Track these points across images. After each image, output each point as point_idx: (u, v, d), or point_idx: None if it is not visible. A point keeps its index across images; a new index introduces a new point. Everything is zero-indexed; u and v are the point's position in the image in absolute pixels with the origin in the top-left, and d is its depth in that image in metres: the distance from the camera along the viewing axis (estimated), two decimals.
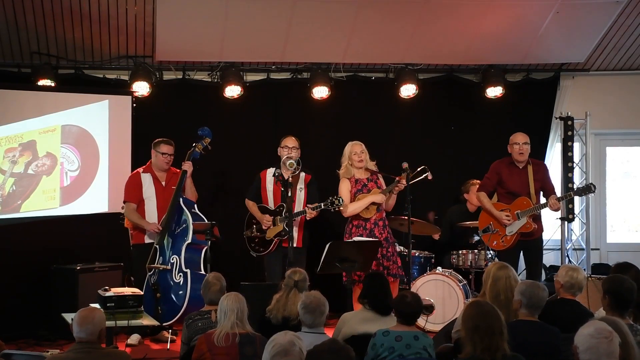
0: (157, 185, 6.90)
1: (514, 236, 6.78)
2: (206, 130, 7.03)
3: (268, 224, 6.81)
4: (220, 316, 4.33)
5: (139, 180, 6.89)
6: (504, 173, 6.91)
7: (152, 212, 6.83)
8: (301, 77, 8.46)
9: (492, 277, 4.63)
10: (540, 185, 6.81)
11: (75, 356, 3.87)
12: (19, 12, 7.31)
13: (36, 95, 7.55)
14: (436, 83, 8.69)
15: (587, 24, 8.00)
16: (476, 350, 3.50)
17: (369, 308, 4.76)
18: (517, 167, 6.87)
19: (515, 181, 6.85)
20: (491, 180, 7.00)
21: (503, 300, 4.50)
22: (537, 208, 6.71)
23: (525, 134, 6.94)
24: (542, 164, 7.05)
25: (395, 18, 7.69)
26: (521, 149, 6.82)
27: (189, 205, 6.73)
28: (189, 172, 6.83)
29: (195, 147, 6.94)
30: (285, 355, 3.06)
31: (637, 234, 9.34)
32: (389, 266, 6.82)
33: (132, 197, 6.87)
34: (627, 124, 9.03)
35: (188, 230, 6.58)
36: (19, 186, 7.32)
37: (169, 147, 6.90)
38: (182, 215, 6.68)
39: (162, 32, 7.64)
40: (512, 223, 6.77)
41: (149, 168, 6.95)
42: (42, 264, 7.11)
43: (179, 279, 6.49)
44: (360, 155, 6.86)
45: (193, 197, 6.91)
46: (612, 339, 3.19)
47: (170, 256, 6.60)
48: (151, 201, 6.85)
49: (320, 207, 6.63)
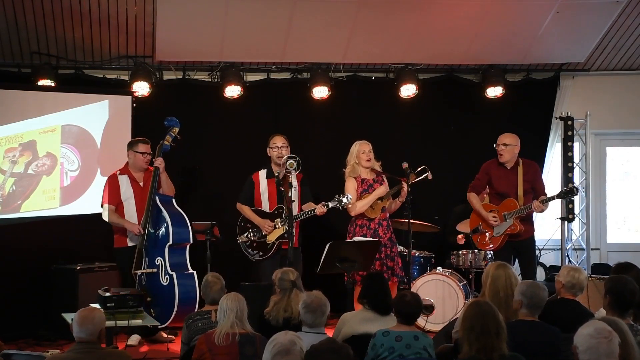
0: (135, 186, 6.83)
1: (501, 237, 6.79)
2: (173, 120, 6.90)
3: (270, 229, 6.77)
4: (220, 316, 4.33)
5: (117, 183, 6.82)
6: (493, 174, 6.91)
7: (131, 214, 6.78)
8: (301, 77, 8.46)
9: (491, 276, 4.64)
10: (530, 186, 6.78)
11: (75, 356, 3.87)
12: (19, 12, 7.31)
13: (36, 95, 7.55)
14: (436, 83, 8.69)
15: (587, 24, 8.00)
16: (472, 350, 3.51)
17: (368, 308, 4.76)
18: (506, 168, 6.84)
19: (503, 182, 6.85)
20: (481, 180, 7.01)
21: (502, 298, 4.50)
22: (523, 210, 6.68)
23: (512, 135, 6.87)
24: (533, 164, 6.98)
25: (395, 18, 7.69)
26: (500, 150, 6.80)
27: (166, 203, 6.64)
28: (161, 168, 6.73)
29: (164, 140, 6.83)
30: (286, 354, 3.07)
31: (637, 234, 9.34)
32: (392, 266, 6.82)
33: (111, 199, 6.80)
34: (627, 124, 9.03)
35: (169, 230, 6.51)
36: (19, 186, 7.32)
37: (146, 146, 6.83)
38: (161, 215, 6.59)
39: (162, 32, 7.64)
40: (499, 224, 6.78)
41: (125, 169, 6.87)
42: (42, 264, 7.12)
43: (166, 281, 6.46)
44: (369, 154, 6.87)
45: (170, 191, 6.83)
46: (611, 339, 3.19)
47: (155, 258, 6.56)
48: (130, 203, 6.79)
49: (328, 205, 6.61)
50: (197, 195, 8.12)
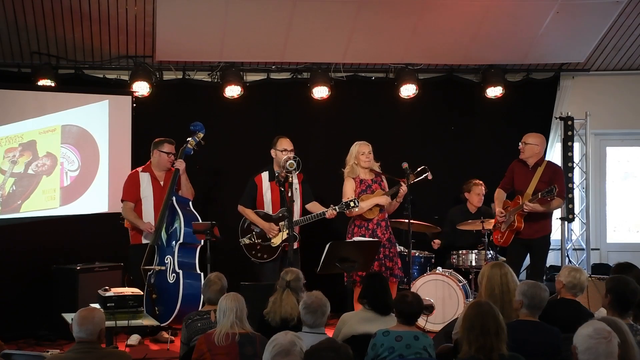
0: (156, 185, 6.89)
1: (506, 233, 6.90)
2: (199, 125, 6.98)
3: (276, 233, 6.75)
4: (220, 316, 4.33)
5: (138, 180, 6.90)
6: (515, 171, 7.02)
7: (149, 212, 6.83)
8: (301, 77, 8.46)
9: (486, 275, 4.63)
10: (547, 187, 6.80)
11: (75, 356, 3.87)
12: (19, 12, 7.31)
13: (36, 95, 7.55)
14: (436, 83, 8.69)
15: (587, 24, 8.00)
16: (471, 350, 3.51)
17: (368, 308, 4.75)
18: (527, 167, 6.92)
19: (519, 180, 6.95)
20: (506, 178, 7.12)
21: (498, 295, 4.49)
22: (519, 207, 6.75)
23: (537, 134, 7.00)
24: (556, 167, 7.10)
25: (395, 18, 7.69)
26: (521, 147, 6.93)
27: (182, 204, 6.70)
28: (181, 169, 6.81)
29: (187, 143, 6.92)
30: (286, 355, 3.06)
31: (637, 234, 9.34)
32: (391, 267, 6.82)
33: (130, 196, 6.87)
34: (627, 124, 9.03)
35: (180, 229, 6.55)
36: (19, 186, 7.32)
37: (171, 147, 6.92)
38: (175, 215, 6.64)
39: (162, 32, 7.64)
40: (505, 220, 6.89)
41: (148, 168, 6.96)
42: (42, 264, 7.12)
43: (172, 279, 6.50)
44: (368, 155, 6.88)
45: (189, 194, 6.90)
46: (610, 339, 3.18)
47: (165, 256, 6.60)
48: (148, 201, 6.85)
49: (336, 209, 6.64)
50: (197, 195, 8.09)
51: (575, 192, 8.70)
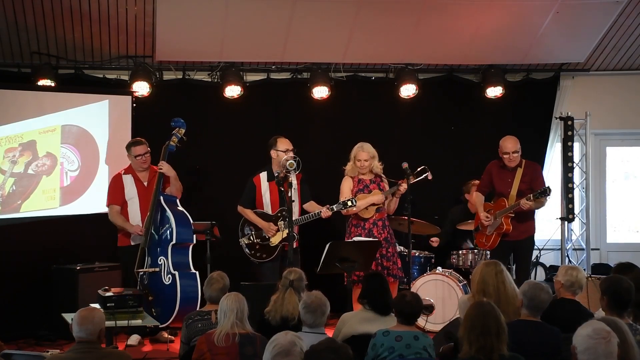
0: (139, 185, 6.85)
1: (492, 236, 6.91)
2: (180, 121, 6.93)
3: (274, 232, 6.75)
4: (220, 316, 4.33)
5: (121, 182, 6.85)
6: (494, 174, 7.02)
7: (135, 213, 6.80)
8: (301, 77, 8.46)
9: (480, 273, 4.59)
10: (528, 187, 6.83)
11: (75, 356, 3.87)
12: (19, 12, 7.31)
13: (36, 95, 7.55)
14: (436, 83, 8.69)
15: (587, 24, 8.00)
16: (472, 350, 3.51)
17: (368, 308, 4.76)
18: (507, 169, 6.93)
19: (500, 182, 6.97)
20: (484, 180, 7.13)
21: (492, 293, 4.46)
22: (510, 208, 6.76)
23: (515, 138, 6.92)
24: (534, 165, 7.06)
25: (395, 18, 7.69)
26: (511, 158, 6.87)
27: (170, 203, 6.66)
28: (164, 170, 6.74)
29: (170, 140, 6.85)
30: (287, 355, 3.06)
31: (637, 234, 9.33)
32: (389, 266, 6.82)
33: (115, 199, 6.85)
34: (627, 124, 9.03)
35: (172, 229, 6.53)
36: (19, 186, 7.32)
37: (141, 147, 6.84)
38: (165, 215, 6.61)
39: (162, 32, 7.64)
40: (491, 223, 6.89)
41: (129, 169, 6.91)
42: (42, 264, 7.12)
43: (168, 280, 6.48)
44: (364, 163, 6.87)
45: (178, 192, 6.85)
46: (610, 339, 3.18)
47: (158, 257, 6.58)
48: (134, 202, 6.82)
49: (333, 209, 6.64)
50: (197, 195, 8.11)
51: (575, 192, 8.70)
